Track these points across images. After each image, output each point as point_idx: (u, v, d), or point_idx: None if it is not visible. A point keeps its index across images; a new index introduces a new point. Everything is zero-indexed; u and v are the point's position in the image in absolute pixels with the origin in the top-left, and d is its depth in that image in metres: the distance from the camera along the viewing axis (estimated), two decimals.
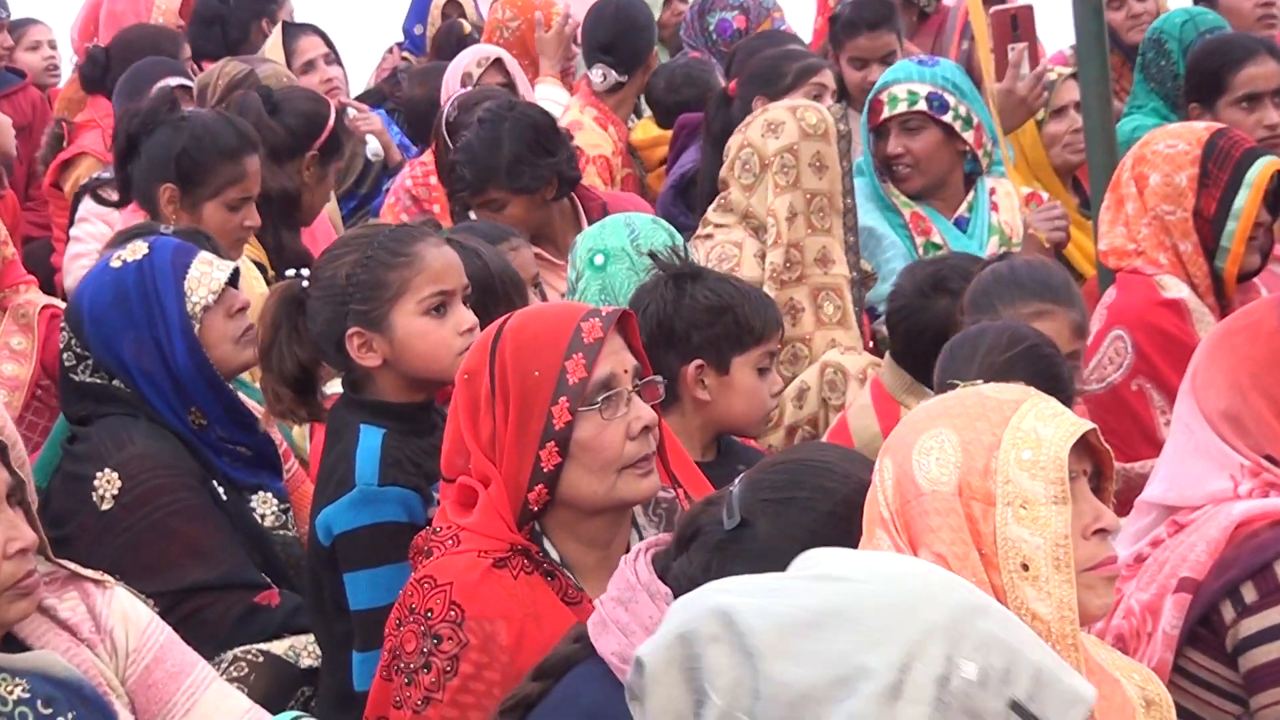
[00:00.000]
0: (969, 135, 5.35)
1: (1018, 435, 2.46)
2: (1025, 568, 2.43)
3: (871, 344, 5.03)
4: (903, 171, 5.38)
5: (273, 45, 7.08)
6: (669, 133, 6.72)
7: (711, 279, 3.86)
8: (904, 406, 4.23)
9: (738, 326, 3.82)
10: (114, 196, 5.29)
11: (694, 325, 3.81)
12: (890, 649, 1.92)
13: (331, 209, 6.04)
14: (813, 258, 4.88)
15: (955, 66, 5.54)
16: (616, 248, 4.25)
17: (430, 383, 3.60)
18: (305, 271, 3.68)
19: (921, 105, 5.31)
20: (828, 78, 5.87)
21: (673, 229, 4.40)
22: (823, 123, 4.93)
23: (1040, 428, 2.46)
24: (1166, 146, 4.59)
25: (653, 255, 3.90)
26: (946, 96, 5.31)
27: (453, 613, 3.01)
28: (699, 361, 3.83)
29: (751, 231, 4.94)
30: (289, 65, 6.90)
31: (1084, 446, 2.53)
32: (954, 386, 2.65)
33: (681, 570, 2.64)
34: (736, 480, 2.66)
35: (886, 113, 5.35)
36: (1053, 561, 2.43)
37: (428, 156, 6.41)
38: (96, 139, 6.79)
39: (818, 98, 5.79)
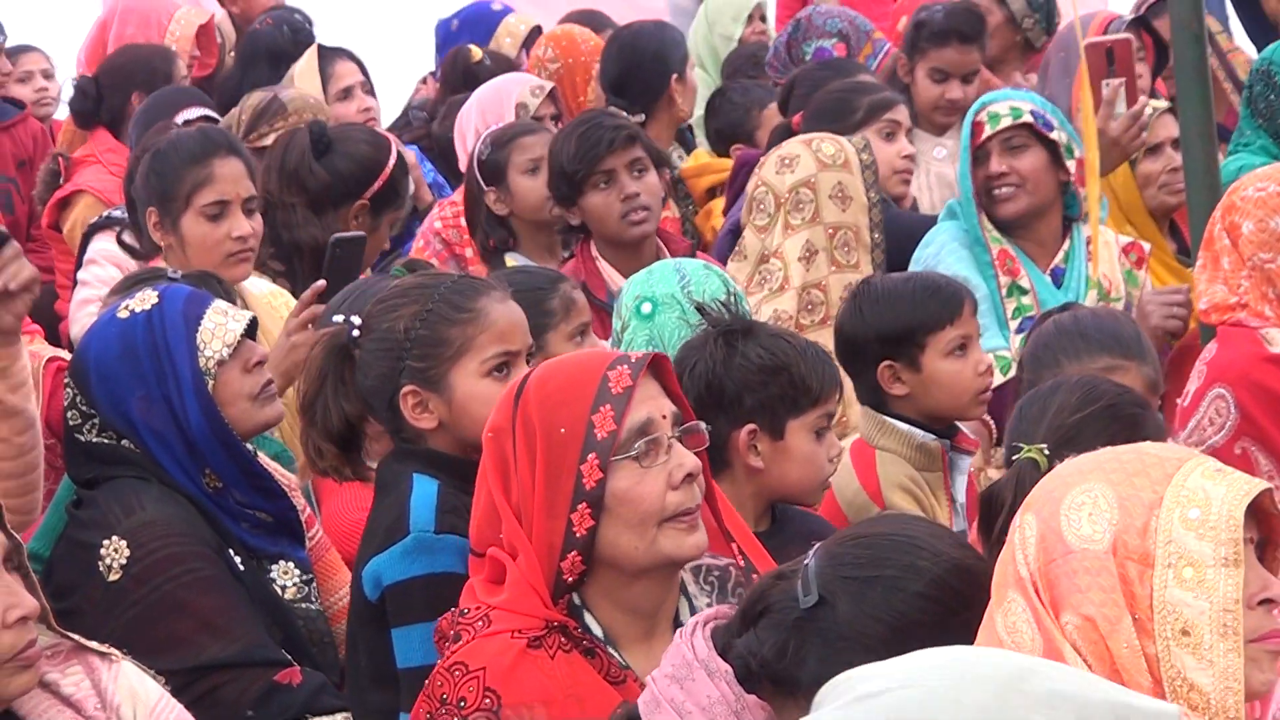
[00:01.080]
0: (1071, 166, 5.36)
1: (1183, 493, 2.46)
2: (1186, 634, 2.42)
3: None
4: (1005, 192, 5.38)
5: (306, 70, 7.08)
6: (717, 160, 6.79)
7: (765, 335, 3.87)
8: (879, 450, 4.35)
9: (793, 387, 3.84)
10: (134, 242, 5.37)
11: (746, 387, 3.83)
12: None
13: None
14: (838, 296, 4.92)
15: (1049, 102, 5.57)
16: (665, 295, 4.28)
17: None
18: (355, 319, 3.69)
19: (1026, 119, 5.32)
20: (902, 114, 5.92)
21: (727, 276, 4.42)
22: (841, 153, 4.99)
23: (1209, 485, 2.47)
24: (1256, 190, 4.59)
25: (701, 309, 3.91)
26: (1050, 118, 5.34)
27: (488, 700, 3.03)
28: (751, 426, 3.85)
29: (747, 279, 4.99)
30: (324, 91, 6.95)
31: (1250, 512, 2.52)
32: (1018, 450, 2.70)
33: (748, 648, 2.64)
34: (811, 553, 2.65)
35: (988, 130, 5.35)
36: (1219, 628, 2.42)
37: (459, 196, 6.45)
38: (96, 175, 6.83)
39: (890, 136, 5.83)
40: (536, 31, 8.06)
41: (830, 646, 2.40)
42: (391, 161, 5.62)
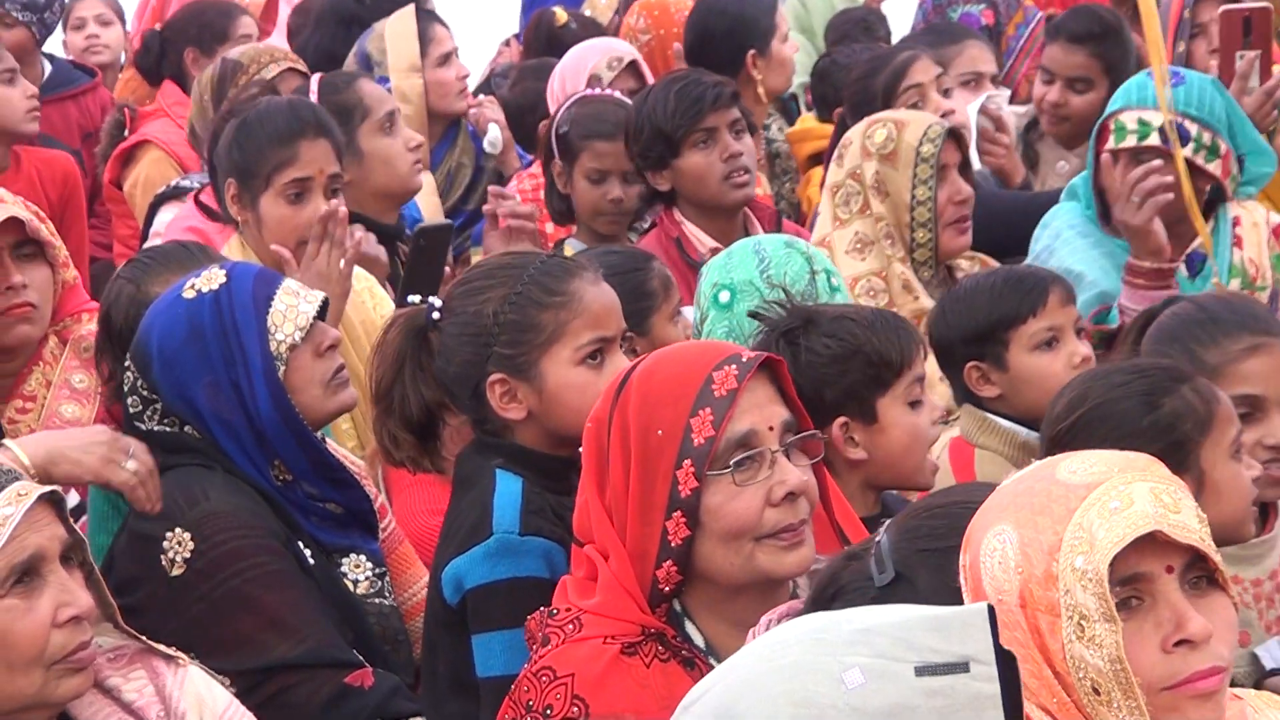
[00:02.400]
0: (1214, 166, 5.12)
1: (1076, 536, 2.38)
2: (1096, 692, 2.37)
3: None
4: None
5: (403, 32, 6.89)
6: (819, 126, 6.71)
7: (827, 321, 3.78)
8: (979, 449, 4.29)
9: (871, 366, 3.77)
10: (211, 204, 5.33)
11: (822, 381, 3.74)
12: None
13: None
14: (899, 285, 4.87)
15: (1202, 79, 5.29)
16: (744, 281, 4.19)
17: (578, 440, 3.48)
18: (435, 300, 3.60)
19: (1154, 139, 5.07)
20: (922, 71, 5.72)
21: (814, 251, 4.32)
22: (890, 142, 4.84)
23: (1097, 527, 2.37)
24: None
25: (756, 315, 3.83)
26: (1187, 125, 5.08)
27: (575, 708, 2.99)
28: (841, 419, 3.77)
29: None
30: (422, 53, 6.81)
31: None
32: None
33: None
34: (882, 530, 2.61)
35: (1113, 144, 5.14)
36: (1119, 685, 2.37)
37: (538, 169, 6.36)
38: (164, 127, 6.76)
39: (915, 106, 5.65)
40: None
41: None
42: None
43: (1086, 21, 6.34)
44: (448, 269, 5.12)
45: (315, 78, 5.67)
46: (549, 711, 2.99)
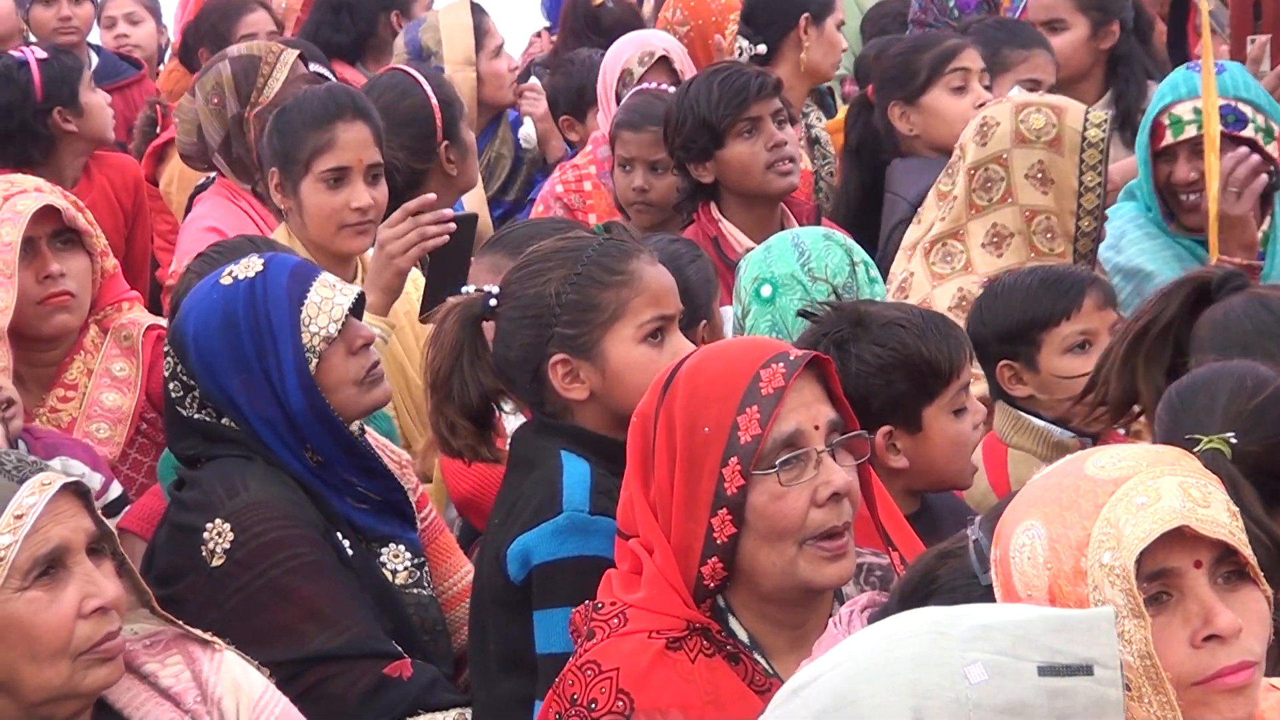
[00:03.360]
0: (1272, 149, 5.07)
1: (1104, 532, 2.37)
2: (1127, 687, 2.33)
3: None
4: (1191, 200, 5.10)
5: (458, 24, 6.94)
6: None
7: (876, 327, 3.74)
8: (1012, 449, 4.25)
9: (920, 375, 3.74)
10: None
11: (870, 392, 3.70)
12: (891, 713, 1.96)
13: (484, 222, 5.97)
14: None
15: (1240, 69, 5.25)
16: (785, 275, 4.17)
17: None
18: (492, 288, 3.60)
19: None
20: (970, 59, 5.68)
21: (852, 243, 4.32)
22: (1051, 127, 4.72)
23: (1125, 522, 2.36)
24: None
25: (806, 314, 3.80)
26: (1241, 108, 5.04)
27: (619, 703, 2.98)
28: (885, 428, 3.74)
29: (924, 252, 4.76)
30: (477, 46, 6.86)
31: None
32: (1195, 442, 2.59)
33: None
34: (974, 528, 2.58)
35: (1170, 138, 5.08)
36: (1149, 681, 2.35)
37: (581, 159, 6.39)
38: None
39: (960, 89, 5.59)
40: None
41: None
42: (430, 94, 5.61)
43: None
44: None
45: (415, 69, 5.74)
46: (594, 706, 2.99)
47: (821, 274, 4.03)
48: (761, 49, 6.60)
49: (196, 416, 3.90)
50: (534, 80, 7.37)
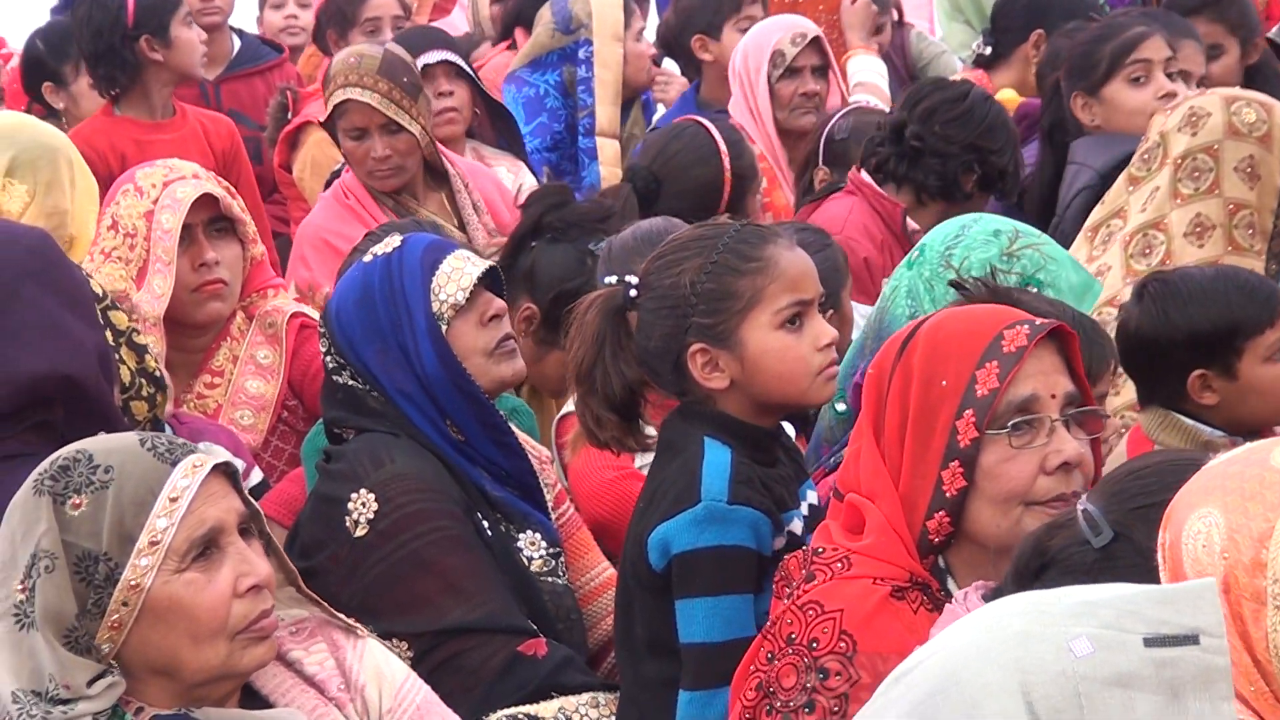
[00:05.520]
0: None
1: None
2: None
3: None
4: None
5: (607, 2, 6.96)
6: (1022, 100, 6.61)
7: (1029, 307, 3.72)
8: (1158, 446, 4.17)
9: None
10: None
11: None
12: (997, 690, 1.98)
13: None
14: None
15: None
16: (934, 245, 4.17)
17: (782, 406, 3.58)
18: (631, 279, 3.65)
19: None
20: (1154, 48, 5.64)
21: (1033, 259, 4.20)
22: (1262, 123, 4.70)
23: None
24: None
25: (956, 285, 3.80)
26: None
27: (842, 644, 2.99)
28: None
29: (1103, 240, 4.74)
30: (625, 27, 6.91)
31: None
32: None
33: None
34: (1081, 502, 2.63)
35: None
36: None
37: None
38: (323, 108, 6.80)
39: (1139, 80, 5.56)
40: None
41: (1140, 578, 2.32)
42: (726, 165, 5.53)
43: None
44: None
45: (719, 130, 5.71)
46: (814, 645, 3.00)
47: (956, 265, 4.03)
48: (987, 50, 6.65)
49: (350, 384, 3.98)
50: (666, 65, 7.41)
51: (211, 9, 7.73)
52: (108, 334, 3.79)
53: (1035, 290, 3.93)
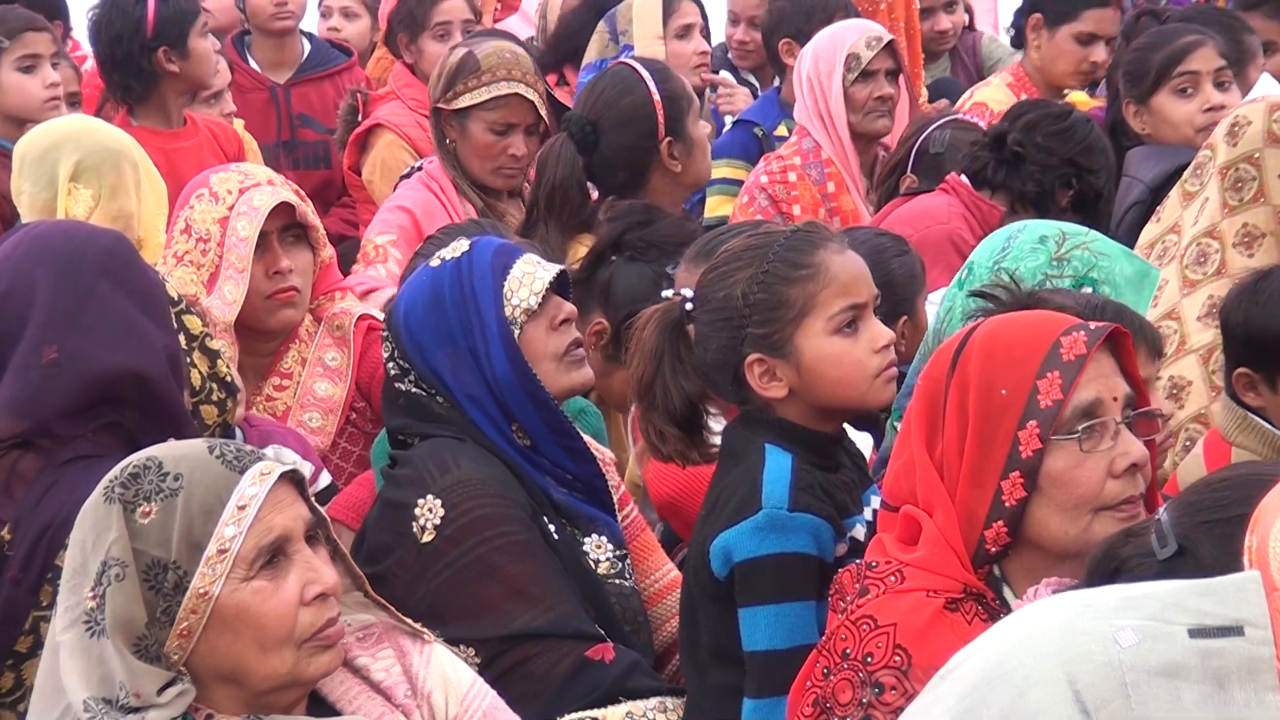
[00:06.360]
0: None
1: None
2: None
3: None
4: None
5: (646, 3, 6.99)
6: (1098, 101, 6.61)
7: (1052, 308, 3.66)
8: (1235, 448, 4.17)
9: None
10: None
11: None
12: (1043, 680, 1.99)
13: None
14: None
15: None
16: (982, 260, 4.16)
17: (842, 411, 3.59)
18: (687, 292, 3.67)
19: None
20: (1202, 60, 5.62)
21: (1085, 259, 4.21)
22: None
23: None
24: None
25: (980, 294, 3.79)
26: None
27: (897, 658, 3.01)
28: None
29: (1158, 255, 4.72)
30: (664, 26, 6.91)
31: None
32: None
33: None
34: (1163, 508, 2.62)
35: None
36: None
37: (785, 149, 6.41)
38: (394, 110, 6.85)
39: (1186, 92, 5.53)
40: None
41: None
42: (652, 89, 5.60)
43: None
44: None
45: (638, 64, 5.76)
46: (869, 660, 3.02)
47: (1010, 272, 4.00)
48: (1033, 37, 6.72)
49: (413, 391, 3.99)
50: (724, 74, 7.37)
51: (285, 13, 7.75)
52: (181, 338, 3.84)
53: (1083, 290, 3.93)
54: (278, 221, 4.65)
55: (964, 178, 5.54)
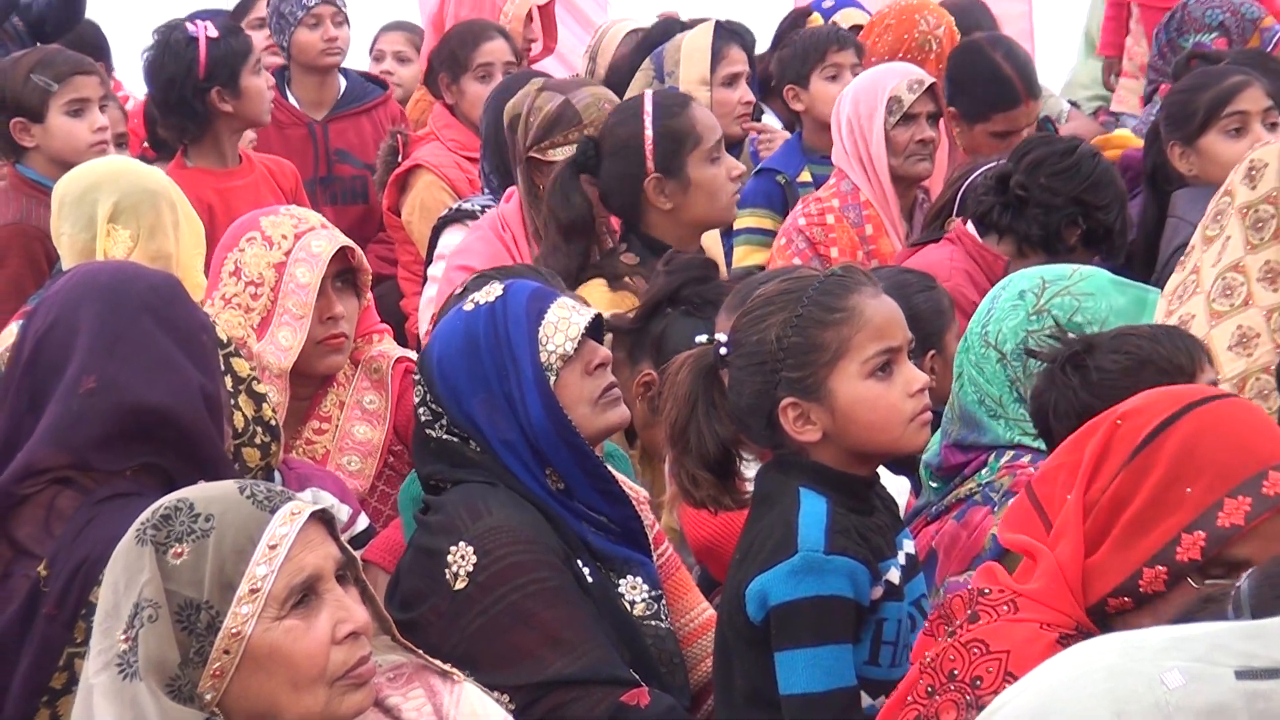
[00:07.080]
0: None
1: None
2: None
3: None
4: None
5: (698, 46, 6.94)
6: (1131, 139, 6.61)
7: (1105, 342, 3.71)
8: None
9: (1165, 373, 3.65)
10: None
11: (1118, 395, 3.55)
12: (1091, 715, 2.00)
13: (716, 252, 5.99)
14: None
15: None
16: (973, 333, 4.17)
17: (877, 455, 3.60)
18: (721, 337, 3.68)
19: None
20: (1251, 99, 5.62)
21: (1055, 304, 4.21)
22: None
23: None
24: None
25: (1031, 353, 3.80)
26: None
27: (1006, 684, 2.94)
28: None
29: (1179, 295, 4.73)
30: (711, 70, 6.86)
31: None
32: None
33: None
34: (1246, 575, 2.57)
35: None
36: None
37: (824, 192, 6.42)
38: (433, 151, 6.88)
39: (1238, 131, 5.54)
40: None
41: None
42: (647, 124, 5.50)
43: None
44: None
45: (649, 95, 5.68)
46: (978, 683, 2.99)
47: (993, 341, 4.03)
48: None
49: (444, 437, 4.00)
50: (768, 118, 7.37)
51: (334, 49, 7.77)
52: (228, 380, 3.88)
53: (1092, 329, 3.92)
54: (331, 268, 4.67)
55: (969, 225, 5.53)
